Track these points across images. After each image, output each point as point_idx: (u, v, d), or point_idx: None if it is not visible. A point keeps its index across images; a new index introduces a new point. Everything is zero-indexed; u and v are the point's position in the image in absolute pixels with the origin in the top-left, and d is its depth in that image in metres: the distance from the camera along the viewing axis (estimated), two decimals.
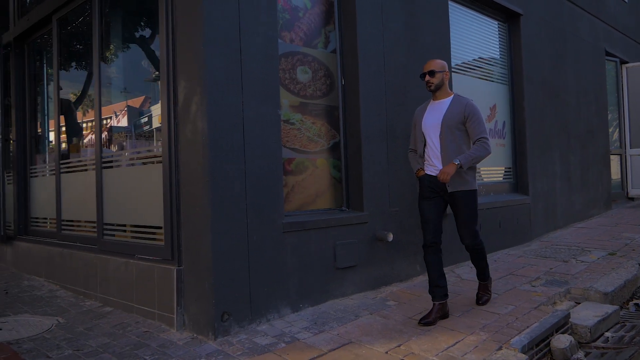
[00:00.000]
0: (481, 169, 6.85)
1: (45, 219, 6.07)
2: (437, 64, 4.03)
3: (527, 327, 3.85)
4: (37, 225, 6.26)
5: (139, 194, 4.34)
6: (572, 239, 7.20)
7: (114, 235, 4.69)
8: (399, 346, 3.51)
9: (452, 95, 4.08)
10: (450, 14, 6.09)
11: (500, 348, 3.49)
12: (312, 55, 4.65)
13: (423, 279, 5.23)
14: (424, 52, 5.52)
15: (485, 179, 6.94)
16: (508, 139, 7.33)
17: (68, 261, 5.16)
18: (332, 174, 4.79)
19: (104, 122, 5.08)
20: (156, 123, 5.19)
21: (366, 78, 4.81)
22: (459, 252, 5.69)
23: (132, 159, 4.68)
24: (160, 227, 4.23)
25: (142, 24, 5.16)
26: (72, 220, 5.52)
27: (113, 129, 5.25)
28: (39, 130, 6.61)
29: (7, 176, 6.56)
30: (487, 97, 6.96)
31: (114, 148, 5.18)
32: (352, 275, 4.58)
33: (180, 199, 3.81)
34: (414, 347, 3.50)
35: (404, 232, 5.11)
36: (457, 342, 3.57)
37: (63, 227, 5.51)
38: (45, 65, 6.55)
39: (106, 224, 4.70)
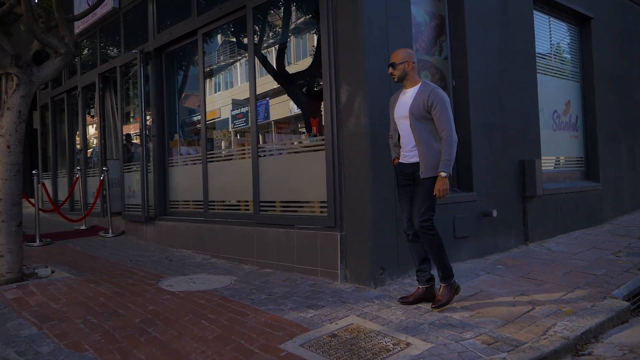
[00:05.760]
0: (559, 158, 7.71)
1: (187, 201, 7.19)
2: (398, 56, 4.01)
3: (623, 284, 4.71)
4: (176, 207, 7.38)
5: (298, 176, 5.38)
6: None
7: (267, 211, 5.73)
8: (521, 294, 4.42)
9: (419, 84, 4.02)
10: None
11: (605, 297, 4.36)
12: (430, 62, 5.60)
13: (518, 250, 6.13)
14: (514, 56, 6.42)
15: (561, 167, 7.77)
16: (580, 131, 8.12)
17: (220, 234, 6.24)
18: None
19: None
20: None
21: (473, 80, 5.73)
22: (544, 229, 6.58)
23: (286, 148, 5.71)
24: (313, 202, 5.27)
25: (291, 38, 6.20)
26: (214, 201, 6.61)
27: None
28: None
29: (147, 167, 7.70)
30: (563, 94, 7.78)
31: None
32: (466, 244, 5.52)
33: (342, 179, 4.80)
34: (535, 295, 4.41)
35: (501, 210, 5.99)
36: (568, 293, 4.46)
37: (209, 207, 6.59)
38: (180, 71, 7.68)
39: (262, 202, 5.75)
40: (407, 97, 4.04)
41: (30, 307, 4.47)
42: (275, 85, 6.49)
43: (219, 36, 7.00)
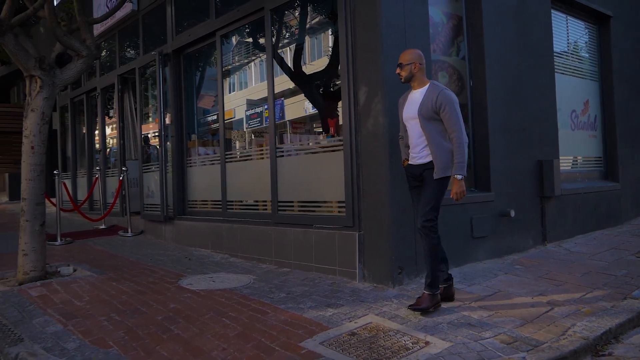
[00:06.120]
0: (577, 157, 7.67)
1: (205, 201, 7.28)
2: (406, 56, 4.03)
3: None
4: (195, 207, 7.48)
5: (316, 177, 5.42)
6: None
7: (285, 211, 5.78)
8: (540, 295, 4.42)
9: (428, 85, 4.02)
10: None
11: (625, 298, 4.34)
12: (448, 62, 5.61)
13: (536, 251, 6.11)
14: (532, 56, 6.39)
15: (579, 167, 7.72)
16: (599, 131, 8.06)
17: (238, 234, 6.32)
18: None
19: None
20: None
21: (491, 80, 5.74)
22: (562, 229, 6.55)
23: (304, 149, 5.77)
24: (331, 202, 5.32)
25: (308, 39, 6.26)
26: (233, 201, 6.69)
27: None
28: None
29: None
30: (581, 93, 7.73)
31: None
32: (483, 244, 5.52)
33: (360, 179, 4.84)
34: (553, 295, 4.40)
35: (519, 210, 5.97)
36: (587, 293, 4.45)
37: (228, 207, 6.67)
38: (197, 72, 7.77)
39: (280, 202, 5.80)
40: (416, 98, 4.04)
41: (55, 304, 4.58)
42: (290, 85, 6.55)
43: (236, 37, 7.08)
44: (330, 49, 6.35)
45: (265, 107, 6.59)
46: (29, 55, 5.52)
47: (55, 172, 8.79)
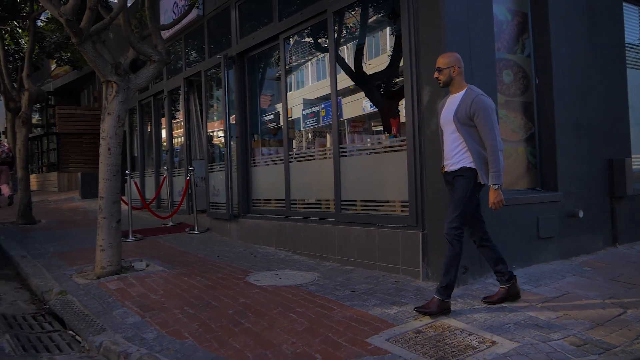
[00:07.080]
0: None
1: (269, 200, 7.49)
2: (443, 60, 4.00)
3: None
4: (259, 206, 7.69)
5: (378, 176, 5.49)
6: None
7: (348, 210, 5.88)
8: (611, 297, 4.30)
9: (465, 89, 3.99)
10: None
11: None
12: (513, 60, 5.54)
13: (606, 252, 5.93)
14: (602, 51, 6.20)
15: None
16: None
17: (301, 232, 6.47)
18: (529, 160, 5.65)
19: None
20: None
21: (558, 77, 5.61)
22: (634, 230, 6.32)
23: (366, 149, 5.85)
24: (393, 201, 5.37)
25: (370, 39, 6.32)
26: (296, 200, 6.85)
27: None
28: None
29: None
30: None
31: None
32: (550, 245, 5.42)
33: (424, 179, 4.87)
34: (625, 299, 4.27)
35: (588, 210, 5.81)
36: None
37: (291, 206, 6.83)
38: (260, 74, 7.99)
39: (343, 201, 5.90)
40: (454, 102, 4.01)
41: (132, 297, 4.85)
42: (347, 84, 6.63)
43: (298, 39, 7.23)
44: (390, 48, 6.40)
45: (322, 106, 6.70)
46: (105, 62, 5.85)
47: (127, 172, 9.25)
